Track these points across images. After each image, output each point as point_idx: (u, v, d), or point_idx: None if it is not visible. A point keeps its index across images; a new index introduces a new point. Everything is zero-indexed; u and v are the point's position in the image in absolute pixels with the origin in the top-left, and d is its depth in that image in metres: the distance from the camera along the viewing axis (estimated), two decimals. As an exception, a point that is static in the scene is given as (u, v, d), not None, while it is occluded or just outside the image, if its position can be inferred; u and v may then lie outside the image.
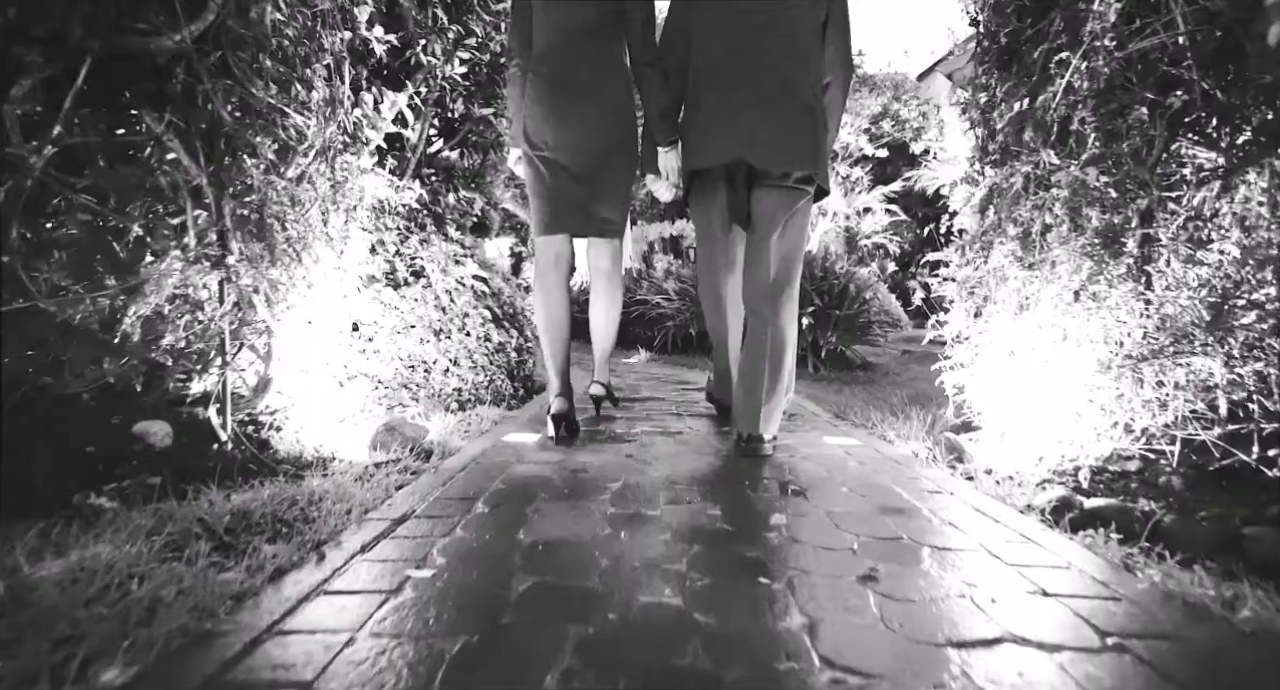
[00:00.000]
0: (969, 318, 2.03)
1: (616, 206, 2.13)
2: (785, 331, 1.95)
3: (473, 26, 2.84)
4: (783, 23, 1.92)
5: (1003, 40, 1.93)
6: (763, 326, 1.94)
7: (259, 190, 1.49)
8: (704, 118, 1.98)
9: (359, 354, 2.50)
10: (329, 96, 1.78)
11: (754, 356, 1.94)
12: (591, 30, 1.98)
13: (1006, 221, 1.83)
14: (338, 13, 1.79)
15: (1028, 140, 1.78)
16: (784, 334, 1.95)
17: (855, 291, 4.96)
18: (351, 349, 2.48)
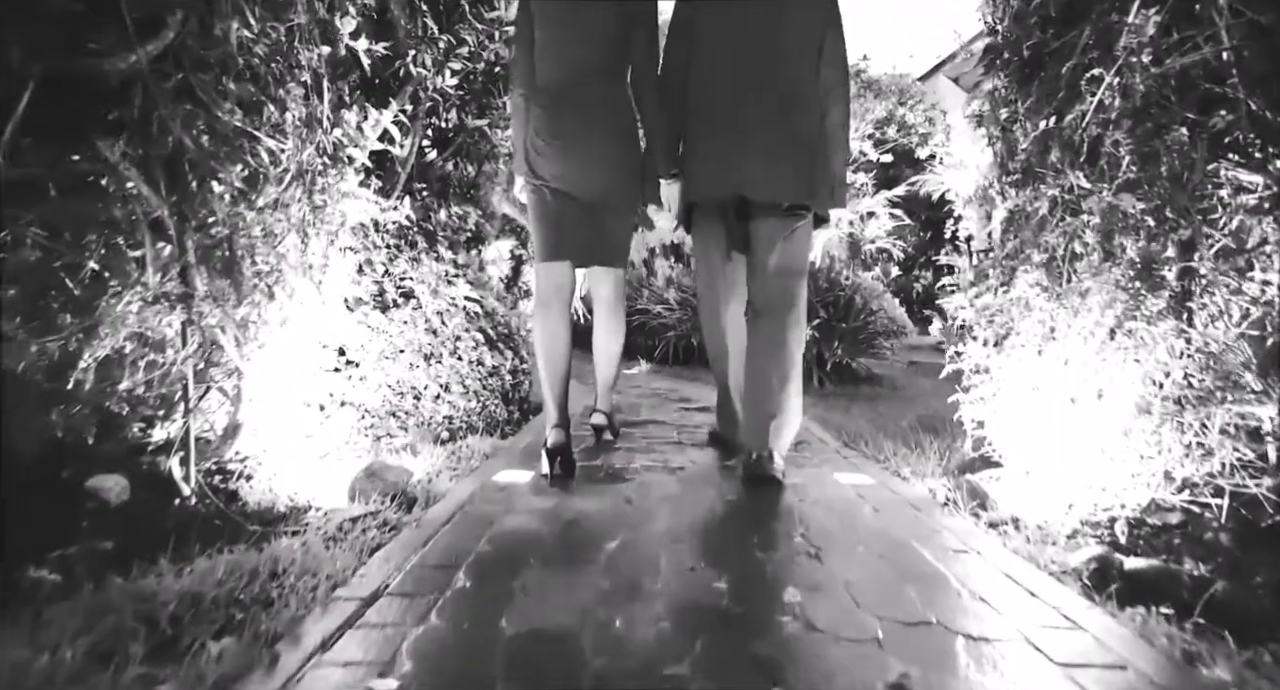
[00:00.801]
0: (988, 348, 1.91)
1: (620, 237, 2.12)
2: (790, 344, 1.95)
3: (464, 36, 2.73)
4: (779, 54, 1.93)
5: (1025, 53, 1.81)
6: (767, 338, 1.94)
7: (226, 221, 1.38)
8: (702, 151, 1.99)
9: (345, 380, 2.39)
10: (306, 117, 1.67)
11: (759, 368, 1.93)
12: (595, 62, 1.97)
13: (1031, 247, 1.71)
14: (315, 27, 1.68)
15: (1054, 161, 1.66)
16: (789, 346, 1.95)
17: (861, 303, 4.84)
18: (337, 376, 2.36)
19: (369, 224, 2.59)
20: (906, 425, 3.06)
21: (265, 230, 1.48)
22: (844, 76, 2.00)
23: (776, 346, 1.94)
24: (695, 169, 2.04)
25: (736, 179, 1.96)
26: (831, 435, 2.79)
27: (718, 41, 1.97)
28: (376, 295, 2.55)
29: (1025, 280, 1.70)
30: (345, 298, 2.45)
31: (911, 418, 3.32)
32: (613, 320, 2.27)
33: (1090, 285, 1.51)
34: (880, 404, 4.04)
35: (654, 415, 3.20)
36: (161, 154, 1.32)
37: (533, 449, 2.36)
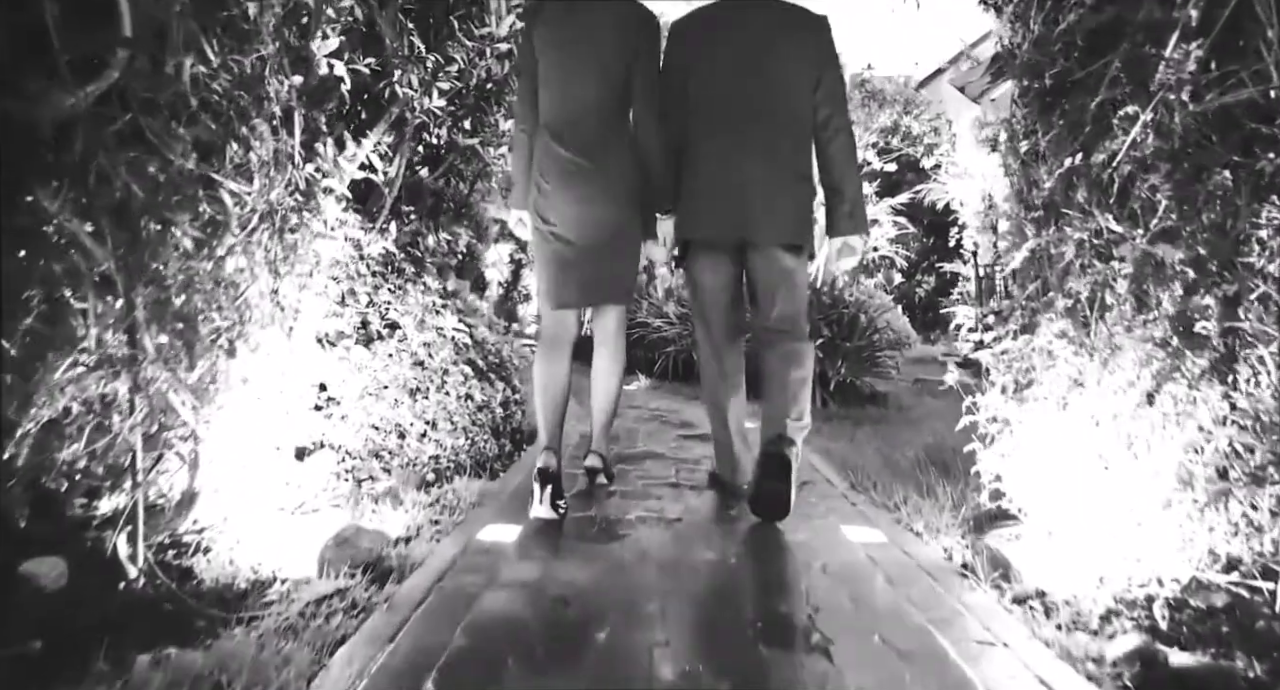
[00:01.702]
0: (1006, 395, 1.78)
1: (624, 275, 2.12)
2: (802, 353, 2.04)
3: (453, 54, 2.61)
4: (774, 91, 1.94)
5: (1047, 81, 1.69)
6: (780, 355, 2.02)
7: (179, 274, 1.26)
8: (697, 190, 2.00)
9: (325, 420, 2.27)
10: (275, 153, 1.55)
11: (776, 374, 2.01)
12: (598, 103, 1.96)
13: (1056, 293, 1.59)
14: (285, 55, 1.56)
15: (1080, 201, 1.54)
16: (801, 356, 2.04)
17: (866, 322, 4.71)
18: (317, 415, 2.24)
19: (353, 253, 2.47)
20: (915, 457, 2.93)
21: (226, 281, 1.36)
22: (842, 111, 1.99)
23: (789, 358, 2.02)
24: (691, 208, 2.03)
25: (734, 220, 1.97)
26: (837, 471, 2.66)
27: (712, 79, 1.97)
28: (360, 327, 2.43)
29: (1049, 329, 1.58)
30: (326, 332, 2.33)
31: (919, 448, 3.19)
32: (612, 355, 2.22)
33: (1124, 342, 1.39)
34: (885, 428, 3.91)
35: (651, 445, 3.08)
36: (108, 203, 1.20)
37: (523, 492, 2.24)
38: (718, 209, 1.99)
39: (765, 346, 2.05)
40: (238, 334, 1.38)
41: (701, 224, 2.04)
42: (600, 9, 1.97)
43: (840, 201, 2.00)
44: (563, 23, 1.99)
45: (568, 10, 1.99)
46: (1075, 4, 1.56)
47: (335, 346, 2.32)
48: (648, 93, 1.96)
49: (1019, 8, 1.76)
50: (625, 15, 1.98)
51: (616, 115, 1.99)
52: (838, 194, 2.00)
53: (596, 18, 1.96)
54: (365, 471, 2.24)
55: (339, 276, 2.42)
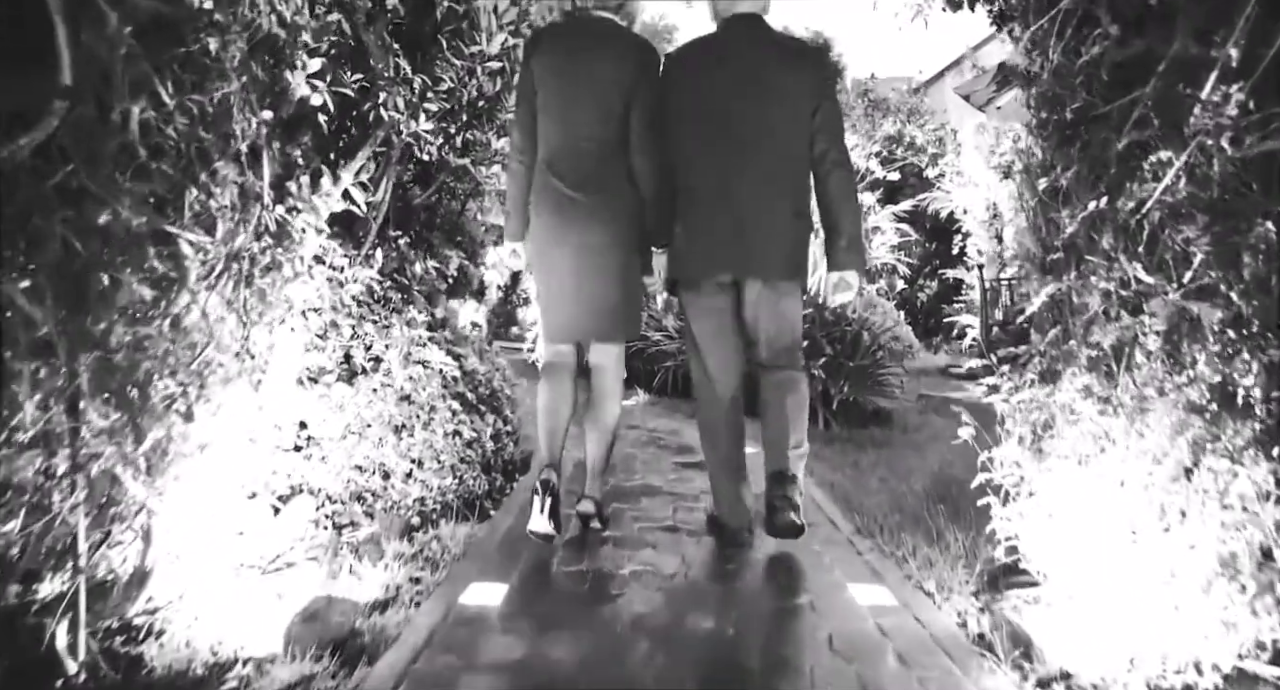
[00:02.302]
0: (1024, 446, 1.67)
1: (621, 314, 2.08)
2: (799, 386, 2.04)
3: (441, 74, 2.51)
4: (772, 126, 1.91)
5: (1068, 115, 1.58)
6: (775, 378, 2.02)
7: (125, 339, 1.15)
8: (692, 226, 1.96)
9: (304, 460, 2.16)
10: (242, 194, 1.44)
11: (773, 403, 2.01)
12: (597, 137, 1.94)
13: (1079, 345, 1.48)
14: (253, 90, 1.45)
15: (1106, 248, 1.43)
16: (797, 378, 2.05)
17: (869, 340, 4.60)
18: (295, 456, 2.14)
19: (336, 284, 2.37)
20: (922, 491, 2.83)
21: (182, 341, 1.25)
22: (839, 144, 1.96)
23: (785, 386, 2.02)
24: (686, 245, 2.00)
25: (730, 258, 1.94)
26: (841, 509, 2.55)
27: (706, 112, 1.94)
28: (343, 361, 2.32)
29: (1071, 383, 1.47)
30: (306, 368, 2.23)
31: (926, 478, 3.08)
32: (607, 396, 2.15)
33: (1156, 405, 1.28)
34: (890, 452, 3.80)
35: (648, 476, 2.97)
36: (47, 262, 1.10)
37: (513, 536, 2.14)
38: (713, 246, 1.96)
39: (762, 376, 2.06)
40: (196, 396, 1.27)
41: (697, 262, 2.00)
42: (601, 41, 1.96)
43: (837, 236, 1.97)
44: (563, 54, 1.97)
45: (568, 41, 1.98)
46: (1100, 35, 1.46)
47: (316, 383, 2.22)
48: (646, 127, 1.94)
49: (1036, 35, 1.65)
50: (626, 48, 1.96)
51: (615, 149, 1.95)
52: (834, 228, 1.97)
53: (597, 50, 1.94)
54: (347, 516, 2.13)
55: (321, 308, 2.32)
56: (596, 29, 1.98)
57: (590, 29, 1.99)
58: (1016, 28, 1.73)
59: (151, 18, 1.21)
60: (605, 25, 1.99)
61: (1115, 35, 1.44)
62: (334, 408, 2.21)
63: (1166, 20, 1.36)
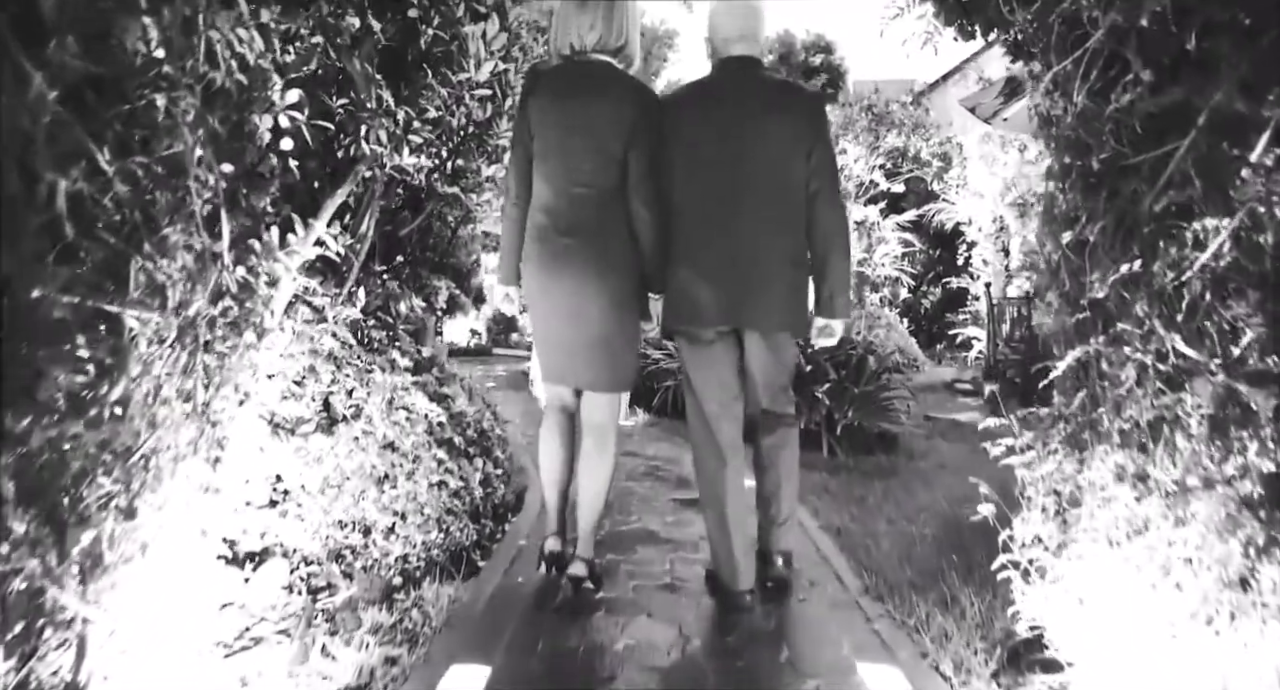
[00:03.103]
0: (1047, 516, 1.55)
1: (614, 364, 2.01)
2: (793, 442, 2.07)
3: (427, 104, 2.39)
4: (767, 173, 1.88)
5: (1094, 163, 1.46)
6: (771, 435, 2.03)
7: (50, 436, 1.03)
8: (688, 274, 1.93)
9: (279, 517, 2.04)
10: (198, 258, 1.33)
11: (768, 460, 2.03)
12: (594, 183, 1.90)
13: (1111, 418, 1.35)
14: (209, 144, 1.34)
15: (1140, 314, 1.30)
16: (792, 436, 2.07)
17: (875, 365, 4.47)
18: (269, 513, 2.02)
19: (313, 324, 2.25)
20: (933, 538, 2.70)
21: (126, 430, 1.14)
22: (833, 189, 1.94)
23: (779, 446, 2.04)
24: (681, 295, 1.96)
25: (725, 309, 1.91)
26: (848, 560, 2.42)
27: (700, 158, 1.90)
28: (321, 409, 2.20)
29: (1103, 463, 1.34)
30: (285, 418, 2.12)
31: (937, 520, 2.95)
32: (600, 448, 2.05)
33: (1200, 497, 1.15)
34: (897, 485, 3.67)
35: (646, 517, 2.85)
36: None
37: (500, 600, 2.02)
38: (710, 296, 1.91)
39: (760, 422, 2.06)
40: (140, 489, 1.15)
41: (693, 312, 1.95)
42: (599, 85, 1.91)
43: (823, 283, 1.98)
44: (560, 97, 1.93)
45: (566, 85, 1.94)
46: (1131, 81, 1.34)
47: (294, 435, 2.10)
48: (645, 173, 1.90)
49: (1059, 76, 1.53)
50: (624, 93, 1.91)
51: (612, 195, 1.91)
52: (822, 276, 1.97)
53: (594, 94, 1.90)
54: (323, 577, 2.01)
55: (298, 352, 2.20)
56: (594, 73, 1.93)
57: (588, 73, 1.94)
58: (1036, 65, 1.61)
59: (86, 77, 1.09)
60: (603, 69, 1.94)
61: (1148, 82, 1.32)
62: (311, 460, 2.10)
63: (1206, 68, 1.24)
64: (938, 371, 8.58)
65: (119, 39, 1.11)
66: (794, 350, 2.07)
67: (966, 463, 4.48)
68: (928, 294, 10.76)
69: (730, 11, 1.94)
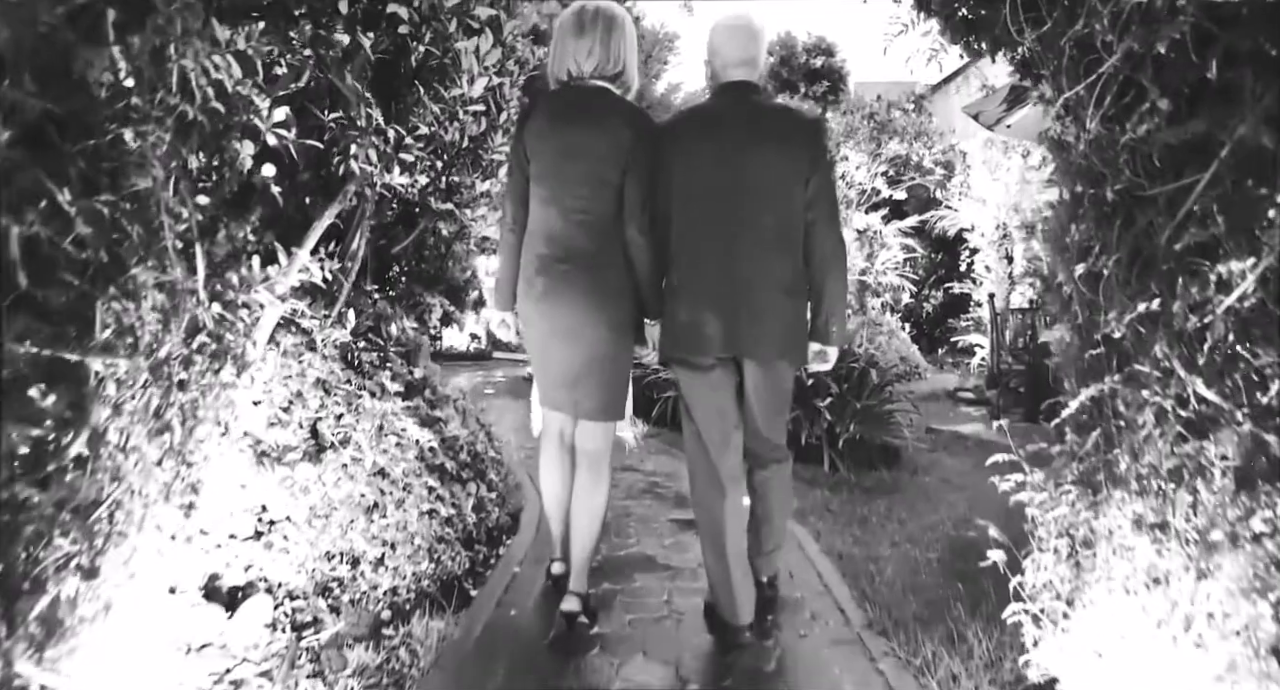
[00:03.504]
0: (1060, 561, 1.49)
1: (608, 392, 1.97)
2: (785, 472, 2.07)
3: (418, 121, 2.33)
4: (766, 201, 1.85)
5: (1108, 194, 1.39)
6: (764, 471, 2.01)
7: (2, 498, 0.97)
8: (686, 303, 1.90)
9: (264, 549, 1.98)
10: (171, 294, 1.27)
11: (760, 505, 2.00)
12: (590, 211, 1.88)
13: (1129, 462, 1.29)
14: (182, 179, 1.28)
15: (1159, 355, 1.24)
16: (785, 473, 2.07)
17: (877, 378, 4.41)
18: (254, 545, 1.96)
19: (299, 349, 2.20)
20: (938, 563, 2.64)
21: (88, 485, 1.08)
22: (831, 217, 1.92)
23: (776, 476, 2.04)
24: (678, 325, 1.92)
25: (723, 339, 1.87)
26: (851, 589, 2.35)
27: (698, 185, 1.87)
28: (309, 437, 2.14)
29: (1119, 511, 1.28)
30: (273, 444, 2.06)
31: (941, 542, 2.89)
32: (594, 480, 2.01)
33: (1226, 554, 1.09)
34: (900, 502, 3.60)
35: (643, 540, 2.78)
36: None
37: (491, 635, 1.95)
38: (708, 326, 1.87)
39: (753, 455, 2.02)
40: (101, 548, 1.09)
41: (691, 341, 1.91)
42: (596, 112, 1.89)
43: (820, 310, 1.97)
44: (557, 123, 1.91)
45: (563, 110, 1.93)
46: (1148, 110, 1.27)
47: (280, 464, 2.05)
48: (641, 200, 1.88)
49: (1071, 102, 1.47)
50: (621, 119, 1.88)
51: (609, 222, 1.89)
52: (819, 303, 1.97)
53: (591, 121, 1.88)
54: (309, 612, 1.95)
55: (285, 377, 2.14)
56: (591, 99, 1.91)
57: (585, 99, 1.92)
58: (1047, 88, 1.55)
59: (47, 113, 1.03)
60: (601, 95, 1.92)
61: (1166, 111, 1.25)
62: (298, 490, 2.04)
63: (1229, 99, 1.18)
64: (940, 378, 8.51)
65: (81, 73, 1.05)
66: (792, 379, 2.04)
67: (970, 478, 4.43)
68: (929, 298, 10.69)
69: (732, 36, 1.92)
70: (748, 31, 1.91)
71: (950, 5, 1.80)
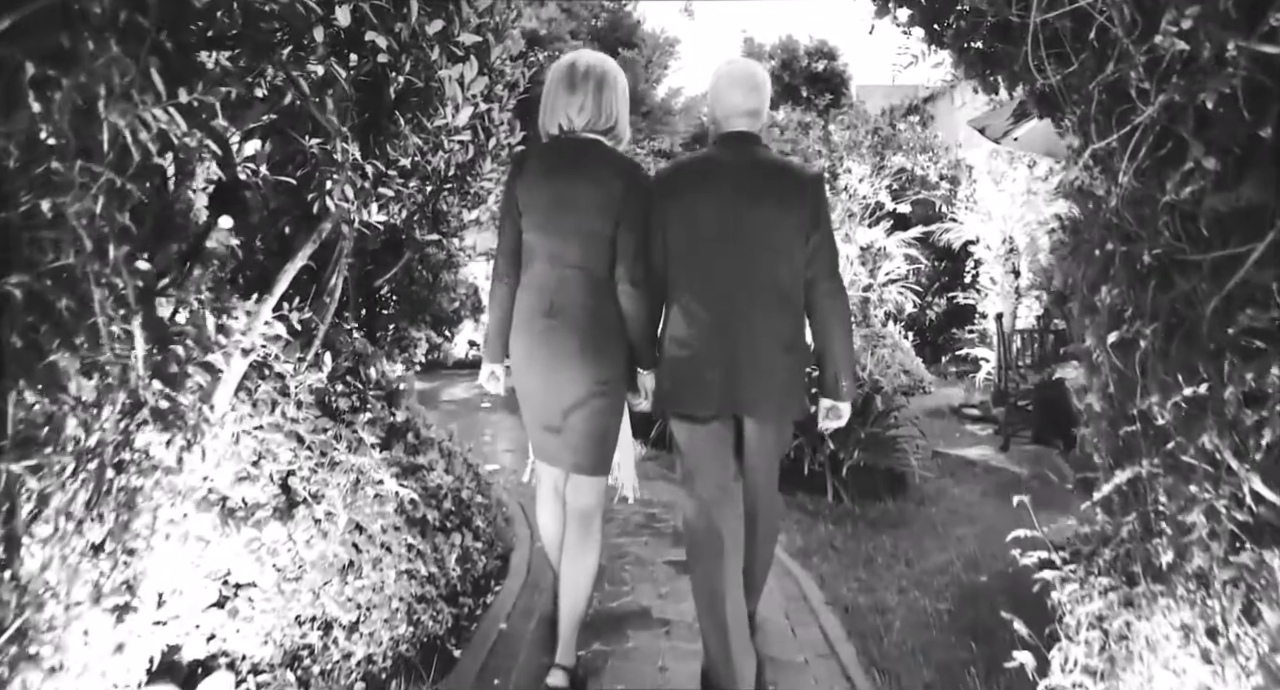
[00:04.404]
0: (1092, 654, 1.35)
1: (598, 447, 1.92)
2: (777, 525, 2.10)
3: (397, 155, 2.20)
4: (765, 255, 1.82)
5: (1145, 257, 1.26)
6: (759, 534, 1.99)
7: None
8: (684, 358, 1.86)
9: (229, 617, 1.85)
10: (104, 376, 1.14)
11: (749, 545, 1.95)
12: (581, 267, 1.86)
13: (1173, 562, 1.15)
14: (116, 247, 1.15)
15: (1209, 445, 1.11)
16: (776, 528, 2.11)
17: (882, 404, 4.27)
18: (217, 614, 1.83)
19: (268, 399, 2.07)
20: (949, 615, 2.50)
21: None
22: (832, 273, 1.89)
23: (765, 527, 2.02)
24: (677, 380, 1.89)
25: (723, 395, 1.83)
26: (857, 652, 2.21)
27: (697, 237, 1.85)
28: (279, 492, 2.01)
29: (1164, 620, 1.14)
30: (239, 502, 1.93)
31: (953, 588, 2.75)
32: (584, 533, 1.94)
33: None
34: (906, 538, 3.46)
35: (638, 588, 2.65)
36: None
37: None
38: (707, 381, 1.84)
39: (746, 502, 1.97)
40: (7, 679, 0.96)
41: (689, 396, 1.88)
42: (588, 165, 1.87)
43: (826, 366, 1.94)
44: (549, 176, 1.90)
45: (555, 164, 1.91)
46: (1192, 169, 1.14)
47: (248, 524, 1.91)
48: (634, 254, 1.85)
49: (1101, 152, 1.33)
50: (613, 174, 1.86)
51: (600, 277, 1.87)
52: (826, 359, 1.94)
53: (583, 175, 1.86)
54: (276, 687, 1.81)
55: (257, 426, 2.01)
56: (583, 152, 1.89)
57: (577, 152, 1.90)
58: (1073, 137, 1.42)
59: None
60: (592, 148, 1.90)
61: (1213, 171, 1.12)
62: (266, 552, 1.90)
63: (1286, 159, 1.05)
64: (944, 393, 8.36)
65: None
66: (790, 433, 2.06)
67: (979, 509, 4.29)
68: (932, 305, 10.55)
69: (738, 85, 1.89)
70: (752, 82, 1.89)
71: (964, 38, 1.67)
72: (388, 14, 2.08)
